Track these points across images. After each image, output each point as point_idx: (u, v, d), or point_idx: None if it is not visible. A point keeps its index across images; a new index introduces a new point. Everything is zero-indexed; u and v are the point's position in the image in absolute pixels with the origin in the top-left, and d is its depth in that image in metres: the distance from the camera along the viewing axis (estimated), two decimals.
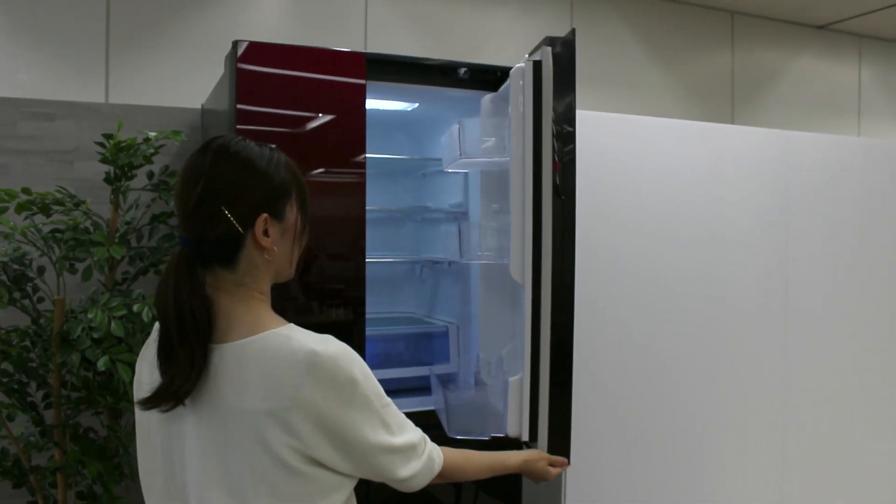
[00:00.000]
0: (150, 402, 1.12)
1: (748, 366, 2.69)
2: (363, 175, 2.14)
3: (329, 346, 1.12)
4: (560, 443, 1.80)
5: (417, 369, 2.55)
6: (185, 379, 1.10)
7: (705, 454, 2.61)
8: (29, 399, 2.23)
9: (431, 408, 2.21)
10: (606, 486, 2.45)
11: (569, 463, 1.78)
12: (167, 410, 1.13)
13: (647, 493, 2.52)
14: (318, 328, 1.16)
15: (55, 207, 2.19)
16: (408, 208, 3.03)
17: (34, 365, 2.21)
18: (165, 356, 1.12)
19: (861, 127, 4.70)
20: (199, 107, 2.81)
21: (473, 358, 2.50)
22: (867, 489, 2.95)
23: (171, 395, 1.11)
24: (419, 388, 2.44)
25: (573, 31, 1.79)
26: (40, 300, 2.26)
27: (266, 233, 1.17)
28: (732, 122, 4.15)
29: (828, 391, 2.85)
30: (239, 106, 2.00)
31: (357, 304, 2.15)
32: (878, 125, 4.76)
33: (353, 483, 1.20)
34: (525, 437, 1.86)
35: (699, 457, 2.60)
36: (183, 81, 2.87)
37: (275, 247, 1.19)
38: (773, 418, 2.73)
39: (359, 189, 2.14)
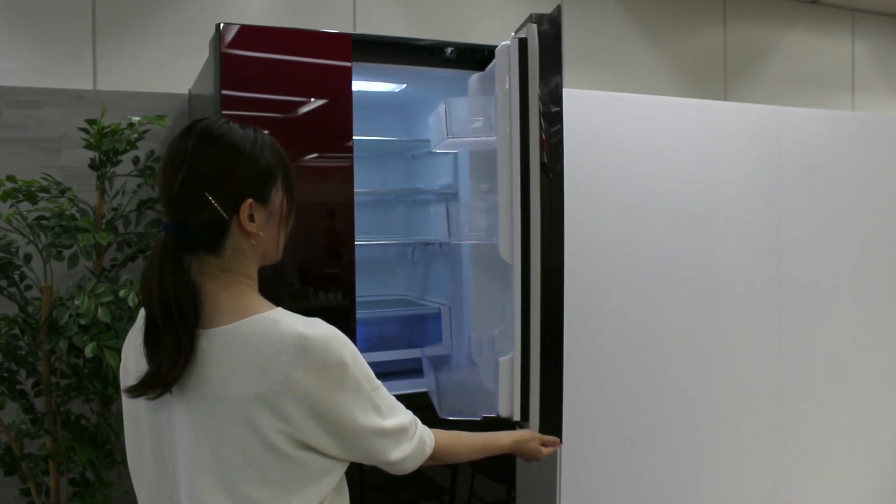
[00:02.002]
0: (138, 390, 1.11)
1: (742, 343, 2.69)
2: (351, 158, 2.13)
3: (318, 329, 1.11)
4: (552, 422, 1.80)
5: (410, 351, 2.55)
6: (171, 366, 1.09)
7: (699, 432, 2.62)
8: (19, 387, 2.23)
9: (424, 390, 2.21)
10: (601, 465, 2.46)
11: (561, 442, 1.78)
12: (155, 398, 1.12)
13: (643, 470, 2.53)
14: (309, 313, 1.15)
15: (41, 195, 2.18)
16: (398, 190, 3.01)
17: (23, 353, 2.21)
18: (152, 343, 1.11)
19: (855, 102, 4.68)
20: (187, 92, 2.79)
21: (466, 339, 2.50)
22: (861, 464, 2.97)
23: (158, 382, 1.10)
24: (412, 370, 2.44)
25: (559, 8, 1.78)
26: (28, 288, 2.26)
27: (251, 218, 1.15)
28: (725, 100, 4.14)
29: (822, 368, 2.85)
30: (224, 91, 1.99)
31: (347, 288, 2.15)
32: (871, 100, 4.75)
33: (345, 467, 1.19)
34: (516, 417, 1.86)
35: (693, 435, 2.61)
36: (171, 66, 2.86)
37: (261, 232, 1.17)
38: (768, 394, 2.74)
39: (347, 173, 2.13)
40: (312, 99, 2.08)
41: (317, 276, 2.13)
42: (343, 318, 2.12)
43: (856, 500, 2.96)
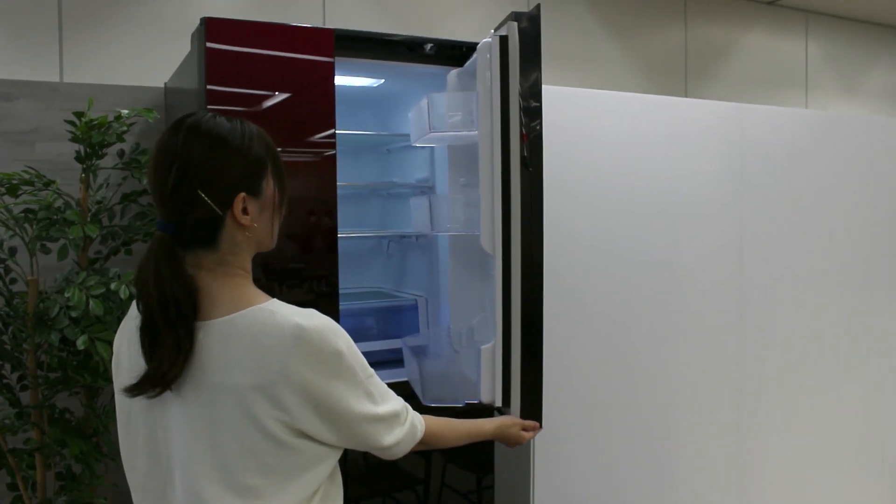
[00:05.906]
0: (137, 389, 1.12)
1: (705, 336, 2.74)
2: (334, 152, 2.15)
3: (313, 319, 1.14)
4: (532, 408, 1.86)
5: (387, 342, 2.57)
6: (172, 363, 1.10)
7: (667, 419, 2.69)
8: (4, 381, 2.21)
9: (404, 379, 2.24)
10: (572, 448, 2.50)
11: (541, 427, 1.84)
12: (154, 396, 1.13)
13: (611, 454, 2.58)
14: (294, 305, 1.18)
15: (24, 188, 2.17)
16: (375, 184, 3.03)
17: (8, 347, 2.20)
18: (150, 341, 1.12)
19: (808, 101, 4.83)
20: (163, 85, 2.78)
21: (443, 329, 2.53)
22: (822, 450, 3.06)
23: (158, 380, 1.11)
24: (390, 360, 2.48)
25: (538, 7, 1.83)
26: (13, 281, 2.24)
27: (245, 211, 1.17)
28: (686, 97, 4.23)
29: (782, 360, 2.92)
30: (209, 87, 1.99)
31: (330, 280, 2.17)
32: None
33: (339, 454, 1.23)
34: (498, 403, 1.90)
35: (661, 422, 2.67)
36: (141, 60, 2.83)
37: (255, 223, 1.19)
38: (730, 385, 2.81)
39: (329, 166, 2.15)
40: (297, 93, 2.10)
41: (300, 269, 2.15)
42: (326, 311, 2.14)
43: (818, 483, 3.06)
